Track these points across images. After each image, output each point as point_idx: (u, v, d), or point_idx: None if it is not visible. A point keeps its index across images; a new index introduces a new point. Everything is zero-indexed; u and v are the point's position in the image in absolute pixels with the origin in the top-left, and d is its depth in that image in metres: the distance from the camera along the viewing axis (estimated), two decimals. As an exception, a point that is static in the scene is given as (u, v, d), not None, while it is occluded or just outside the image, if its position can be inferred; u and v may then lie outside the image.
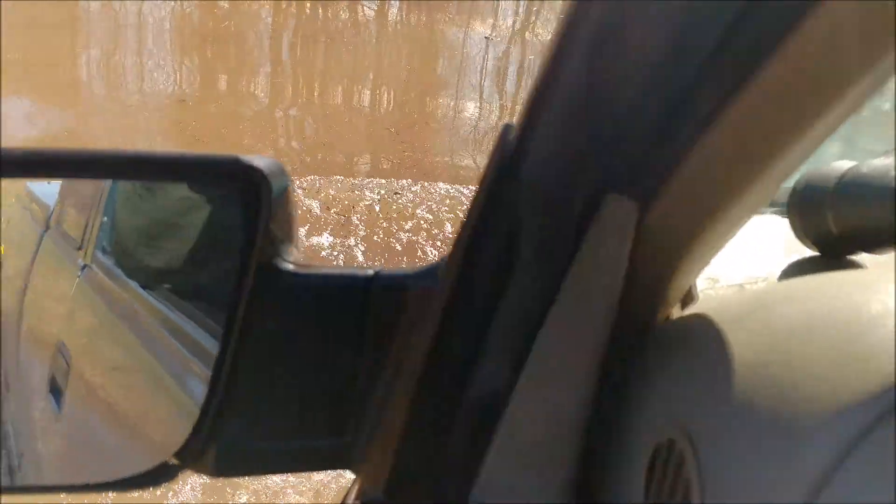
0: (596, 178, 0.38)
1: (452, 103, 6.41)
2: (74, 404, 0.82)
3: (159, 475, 0.47)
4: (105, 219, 0.83)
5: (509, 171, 0.39)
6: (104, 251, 0.86)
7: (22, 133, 4.80)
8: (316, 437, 0.48)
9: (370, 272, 0.47)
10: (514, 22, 8.65)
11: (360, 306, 0.47)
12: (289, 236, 0.47)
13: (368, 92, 6.40)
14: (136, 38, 6.67)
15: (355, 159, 5.20)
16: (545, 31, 8.38)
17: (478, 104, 6.38)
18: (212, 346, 0.62)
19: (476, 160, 5.42)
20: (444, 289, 0.43)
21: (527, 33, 8.33)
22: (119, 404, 0.73)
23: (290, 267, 0.46)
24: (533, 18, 8.77)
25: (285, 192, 0.46)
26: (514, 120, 0.40)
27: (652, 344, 0.45)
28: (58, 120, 5.07)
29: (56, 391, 0.84)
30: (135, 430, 0.68)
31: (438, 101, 6.30)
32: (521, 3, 9.14)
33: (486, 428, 0.43)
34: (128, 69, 6.11)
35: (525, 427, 0.43)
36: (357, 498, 0.48)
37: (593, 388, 0.43)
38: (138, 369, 0.75)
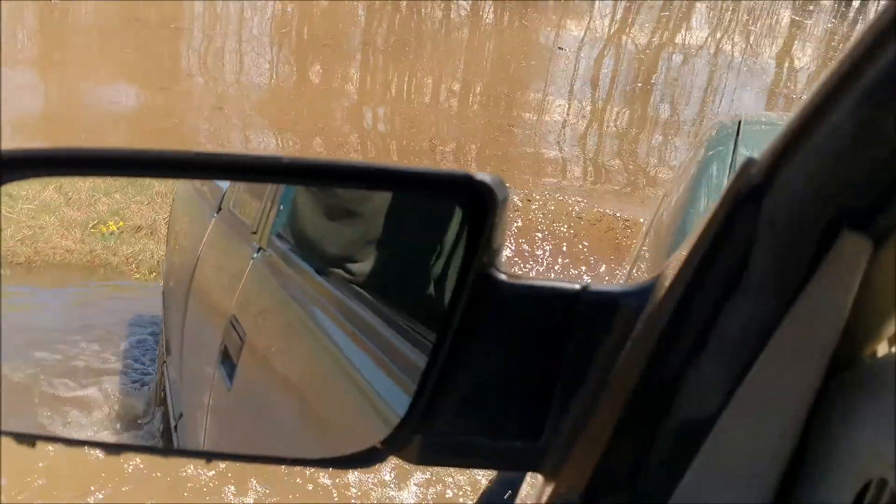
0: (836, 214, 0.40)
1: (539, 97, 6.35)
2: (248, 378, 0.87)
3: (369, 458, 0.51)
4: (282, 207, 0.88)
5: (749, 201, 0.41)
6: (280, 237, 0.91)
7: (125, 104, 5.27)
8: (513, 438, 0.51)
9: (577, 286, 0.50)
10: (611, 24, 8.44)
11: (568, 319, 0.49)
12: (501, 247, 0.50)
13: (456, 95, 6.42)
14: (235, 35, 7.00)
15: (438, 147, 5.29)
16: (642, 33, 8.15)
17: (566, 104, 6.30)
18: (391, 335, 0.65)
19: (562, 149, 5.38)
20: (665, 309, 0.44)
21: (623, 36, 8.13)
22: (298, 385, 0.78)
23: (503, 277, 0.49)
24: (630, 19, 8.54)
25: (504, 205, 0.49)
26: (759, 154, 0.41)
27: (859, 379, 0.45)
28: (162, 106, 5.40)
29: (228, 363, 0.90)
30: (317, 411, 0.72)
31: (526, 101, 6.27)
32: (621, 2, 8.90)
33: (690, 446, 0.44)
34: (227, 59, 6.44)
35: (730, 448, 0.44)
36: (549, 501, 0.51)
37: (803, 418, 0.44)
38: (315, 352, 0.79)
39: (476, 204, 0.48)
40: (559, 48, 7.46)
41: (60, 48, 6.12)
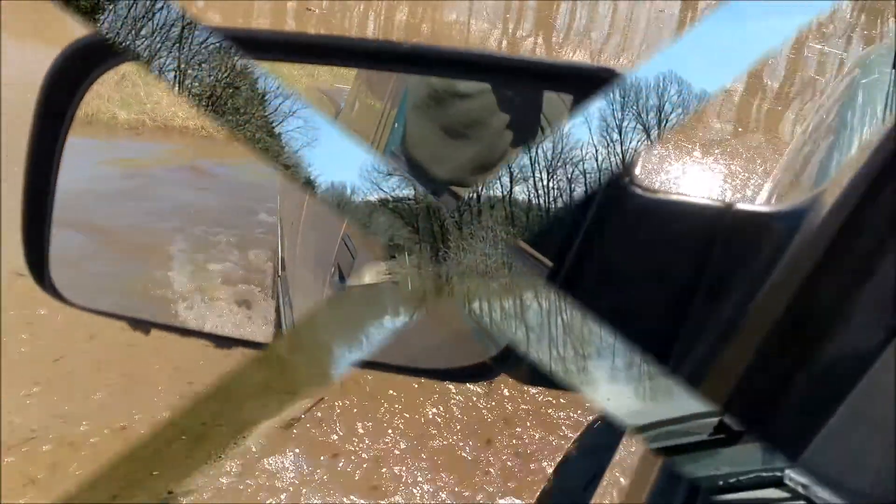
0: None
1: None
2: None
3: (478, 373, 0.50)
4: (396, 125, 0.87)
5: None
6: (393, 155, 0.90)
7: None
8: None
9: (722, 204, 0.45)
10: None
11: (709, 238, 0.45)
12: (639, 157, 0.46)
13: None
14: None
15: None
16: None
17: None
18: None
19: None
20: (824, 234, 0.39)
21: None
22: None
23: (638, 190, 0.45)
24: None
25: None
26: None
27: None
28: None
29: (340, 279, 0.91)
30: (426, 327, 0.71)
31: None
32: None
33: (839, 388, 0.40)
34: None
35: (886, 397, 0.39)
36: None
37: None
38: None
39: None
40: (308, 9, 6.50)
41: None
